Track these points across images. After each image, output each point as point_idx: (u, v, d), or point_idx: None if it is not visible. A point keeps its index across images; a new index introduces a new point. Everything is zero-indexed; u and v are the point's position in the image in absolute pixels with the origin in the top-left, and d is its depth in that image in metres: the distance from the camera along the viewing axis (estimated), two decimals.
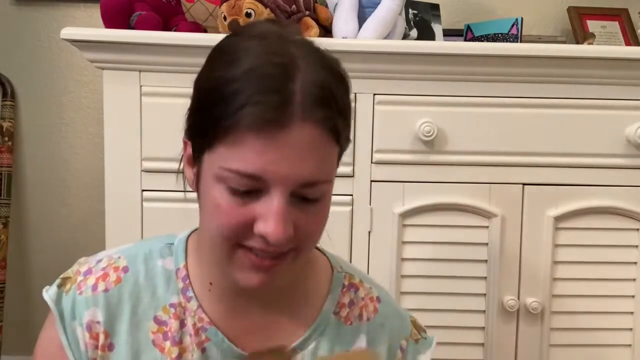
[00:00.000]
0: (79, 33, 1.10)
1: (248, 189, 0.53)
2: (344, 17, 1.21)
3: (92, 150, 1.68)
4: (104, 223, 1.16)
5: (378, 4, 1.20)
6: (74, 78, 1.67)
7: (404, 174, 1.17)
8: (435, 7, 1.47)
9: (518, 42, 1.38)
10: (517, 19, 1.39)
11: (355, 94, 1.14)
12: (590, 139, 1.18)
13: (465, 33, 1.50)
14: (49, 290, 0.65)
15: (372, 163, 1.17)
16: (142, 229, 1.16)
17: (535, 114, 1.17)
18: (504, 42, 1.40)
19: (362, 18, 1.21)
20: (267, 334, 0.66)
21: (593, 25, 1.54)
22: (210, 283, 0.65)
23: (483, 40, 1.45)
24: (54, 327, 0.64)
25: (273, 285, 0.59)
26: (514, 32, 1.39)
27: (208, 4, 1.37)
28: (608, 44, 1.52)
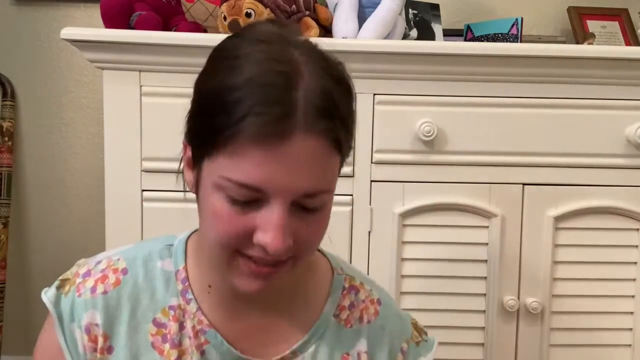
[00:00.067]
0: (79, 33, 1.10)
1: (248, 199, 0.53)
2: (344, 17, 1.21)
3: (92, 150, 1.68)
4: (104, 223, 1.16)
5: (378, 4, 1.20)
6: (74, 78, 1.67)
7: (404, 174, 1.17)
8: (435, 7, 1.47)
9: (518, 42, 1.38)
10: (517, 19, 1.39)
11: (355, 94, 1.14)
12: (590, 139, 1.18)
13: (465, 33, 1.50)
14: (48, 292, 0.65)
15: (372, 163, 1.17)
16: (142, 229, 1.16)
17: (535, 114, 1.17)
18: (504, 42, 1.40)
19: (362, 18, 1.21)
20: (266, 337, 0.65)
21: (593, 25, 1.54)
22: (210, 285, 0.64)
23: (483, 40, 1.45)
24: (53, 329, 0.63)
25: (272, 288, 0.59)
26: (514, 32, 1.39)
27: (208, 4, 1.37)
28: (608, 44, 1.52)
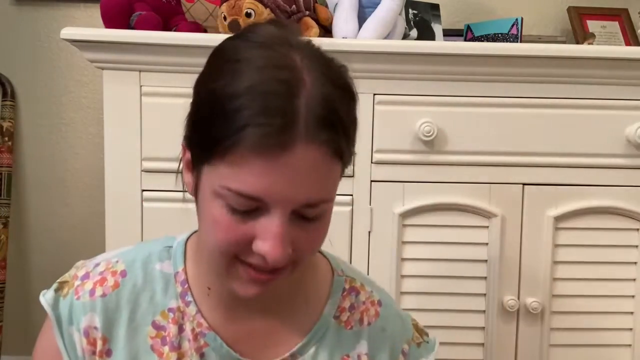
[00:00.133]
0: (79, 33, 1.10)
1: (248, 209, 0.53)
2: (344, 17, 1.21)
3: (92, 150, 1.68)
4: (104, 223, 1.16)
5: (378, 4, 1.20)
6: (74, 78, 1.67)
7: (404, 174, 1.17)
8: (435, 7, 1.47)
9: (518, 42, 1.38)
10: (517, 19, 1.39)
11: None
12: (590, 139, 1.18)
13: (465, 33, 1.50)
14: (46, 295, 0.64)
15: (372, 163, 1.17)
16: (142, 229, 1.16)
17: (535, 114, 1.17)
18: (504, 42, 1.40)
19: (362, 18, 1.21)
20: (266, 339, 0.65)
21: (593, 25, 1.54)
22: (209, 288, 0.64)
23: (483, 40, 1.45)
24: (51, 332, 0.63)
25: (271, 291, 0.59)
26: (514, 32, 1.39)
27: (208, 4, 1.37)
28: (608, 44, 1.52)
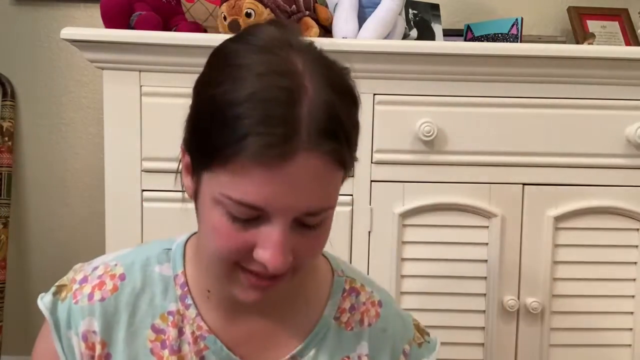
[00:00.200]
0: (79, 33, 1.10)
1: (248, 217, 0.52)
2: (344, 17, 1.21)
3: (92, 150, 1.68)
4: (104, 223, 1.16)
5: (378, 4, 1.20)
6: (74, 78, 1.67)
7: (404, 174, 1.17)
8: (435, 7, 1.47)
9: (518, 42, 1.38)
10: (517, 19, 1.39)
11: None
12: (590, 139, 1.18)
13: (465, 33, 1.50)
14: (44, 298, 0.64)
15: (372, 163, 1.17)
16: (142, 229, 1.16)
17: (535, 114, 1.17)
18: (504, 42, 1.40)
19: (362, 18, 1.21)
20: (266, 341, 0.65)
21: (593, 25, 1.54)
22: (209, 290, 0.64)
23: (483, 40, 1.45)
24: (49, 335, 0.63)
25: (271, 294, 0.58)
26: (514, 32, 1.39)
27: (208, 4, 1.37)
28: (608, 44, 1.52)
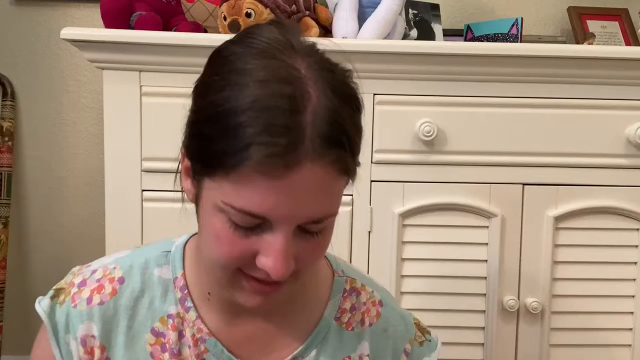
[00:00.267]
0: (79, 33, 1.10)
1: (251, 225, 0.52)
2: (344, 17, 1.21)
3: (92, 150, 1.68)
4: (104, 223, 1.16)
5: (378, 4, 1.20)
6: (74, 78, 1.67)
7: (404, 174, 1.17)
8: (435, 7, 1.47)
9: (518, 42, 1.38)
10: (517, 19, 1.39)
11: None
12: (590, 139, 1.18)
13: (465, 33, 1.50)
14: (42, 302, 0.63)
15: (372, 163, 1.17)
16: (142, 229, 1.16)
17: (535, 114, 1.17)
18: (504, 42, 1.40)
19: (362, 18, 1.21)
20: (267, 343, 0.65)
21: (593, 25, 1.54)
22: (209, 293, 0.63)
23: (483, 40, 1.45)
24: (47, 340, 0.62)
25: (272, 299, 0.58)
26: (514, 32, 1.39)
27: (208, 4, 1.37)
28: (608, 44, 1.52)
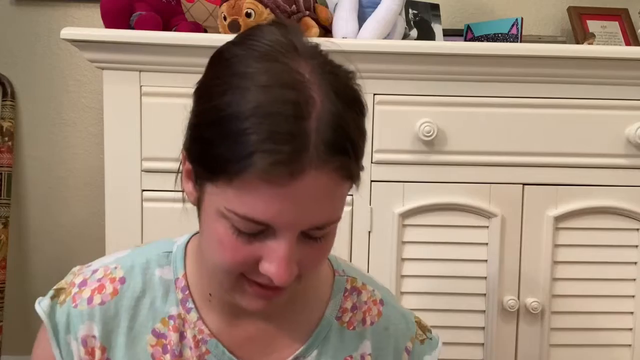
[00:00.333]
0: (79, 33, 1.10)
1: (254, 232, 0.51)
2: (344, 17, 1.21)
3: (92, 150, 1.68)
4: (104, 223, 1.16)
5: (378, 4, 1.20)
6: (74, 78, 1.67)
7: (404, 174, 1.17)
8: (435, 7, 1.47)
9: (518, 42, 1.38)
10: (517, 19, 1.39)
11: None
12: (590, 139, 1.18)
13: (465, 33, 1.50)
14: (42, 302, 0.63)
15: (372, 163, 1.17)
16: (142, 229, 1.16)
17: (535, 114, 1.17)
18: (504, 42, 1.40)
19: (362, 18, 1.21)
20: (268, 344, 0.65)
21: (593, 25, 1.54)
22: (210, 294, 0.63)
23: (483, 40, 1.45)
24: (47, 341, 0.62)
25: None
26: (514, 32, 1.39)
27: (208, 4, 1.37)
28: (608, 44, 1.52)
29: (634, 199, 1.19)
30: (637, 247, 1.20)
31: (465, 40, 1.48)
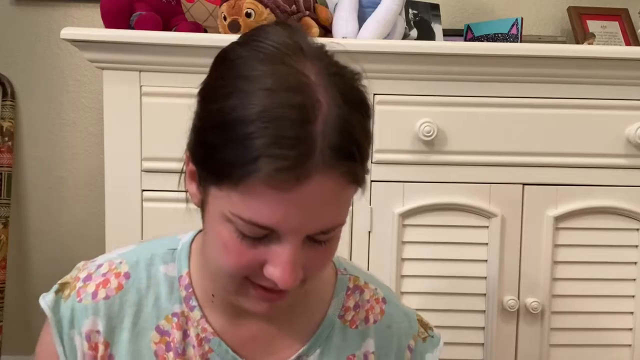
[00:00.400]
0: (79, 33, 1.10)
1: (259, 236, 0.51)
2: (344, 17, 1.21)
3: (92, 150, 1.68)
4: (104, 223, 1.16)
5: (378, 4, 1.20)
6: (74, 78, 1.67)
7: (404, 174, 1.17)
8: (435, 7, 1.47)
9: (518, 42, 1.38)
10: (517, 19, 1.39)
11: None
12: (590, 139, 1.18)
13: (465, 33, 1.50)
14: (46, 297, 0.63)
15: (372, 163, 1.17)
16: (142, 229, 1.16)
17: (535, 114, 1.17)
18: (504, 42, 1.40)
19: (362, 18, 1.21)
20: (271, 343, 0.65)
21: (593, 25, 1.54)
22: (213, 295, 0.63)
23: (483, 40, 1.45)
24: (50, 336, 0.62)
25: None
26: (514, 32, 1.39)
27: (208, 4, 1.37)
28: (608, 44, 1.52)
29: (634, 199, 1.19)
30: (637, 247, 1.20)
31: (465, 40, 1.48)
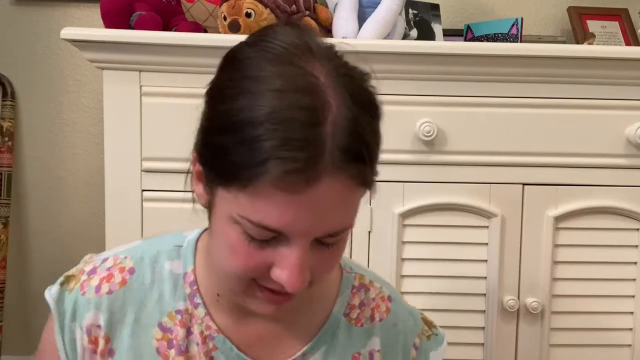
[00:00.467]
0: (79, 33, 1.10)
1: (267, 238, 0.51)
2: (344, 17, 1.21)
3: (92, 150, 1.68)
4: (104, 223, 1.16)
5: (378, 4, 1.20)
6: (74, 78, 1.67)
7: (404, 174, 1.17)
8: (435, 7, 1.47)
9: (518, 42, 1.38)
10: (517, 19, 1.39)
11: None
12: (590, 139, 1.18)
13: (465, 33, 1.50)
14: (52, 289, 0.63)
15: None
16: (142, 229, 1.16)
17: (535, 114, 1.17)
18: (504, 42, 1.40)
19: (362, 18, 1.21)
20: (276, 341, 0.65)
21: (593, 25, 1.54)
22: (218, 294, 0.63)
23: (483, 40, 1.45)
24: (52, 328, 0.62)
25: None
26: (514, 32, 1.39)
27: (208, 4, 1.37)
28: (608, 44, 1.52)
29: (634, 199, 1.19)
30: (637, 247, 1.20)
31: (465, 40, 1.48)
